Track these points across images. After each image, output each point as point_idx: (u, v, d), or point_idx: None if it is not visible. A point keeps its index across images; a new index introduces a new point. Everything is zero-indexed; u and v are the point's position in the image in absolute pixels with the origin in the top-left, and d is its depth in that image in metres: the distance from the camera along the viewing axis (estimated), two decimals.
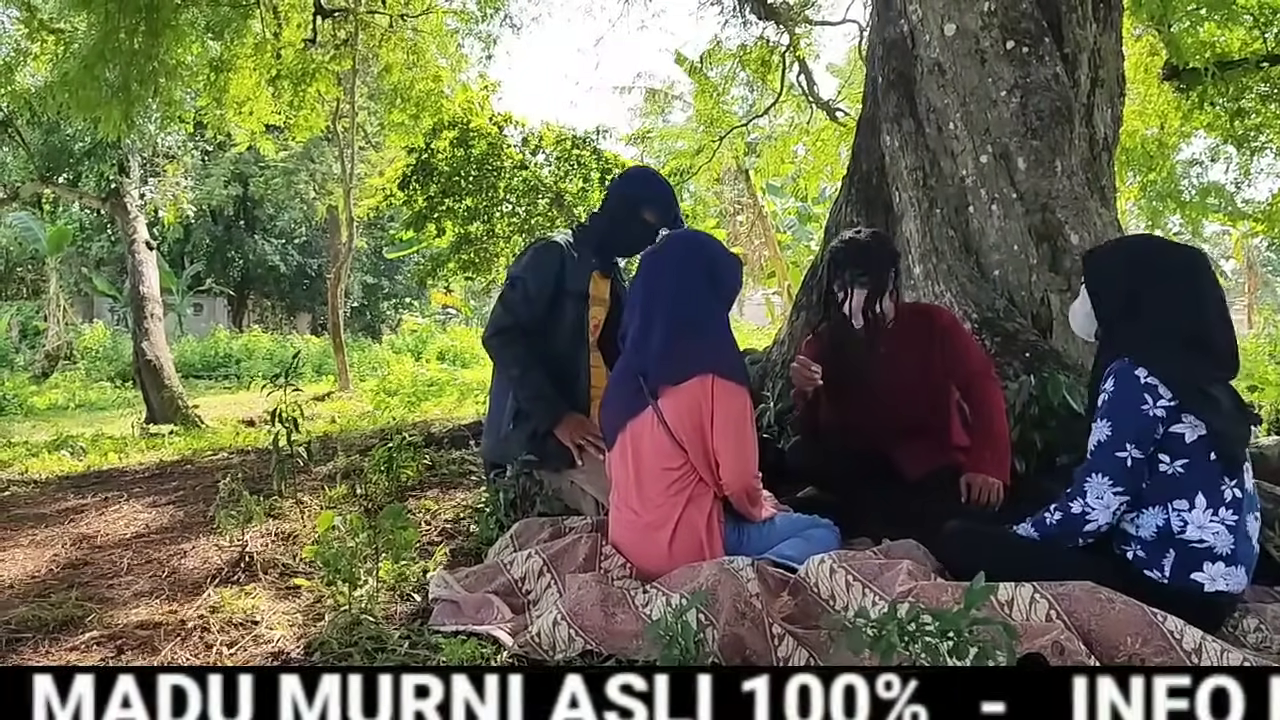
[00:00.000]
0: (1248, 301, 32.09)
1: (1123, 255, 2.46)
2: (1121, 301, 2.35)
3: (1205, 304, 2.27)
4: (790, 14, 11.81)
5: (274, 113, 12.49)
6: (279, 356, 21.09)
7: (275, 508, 3.84)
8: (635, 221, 3.61)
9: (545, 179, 14.12)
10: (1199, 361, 2.23)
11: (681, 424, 2.58)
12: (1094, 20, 4.51)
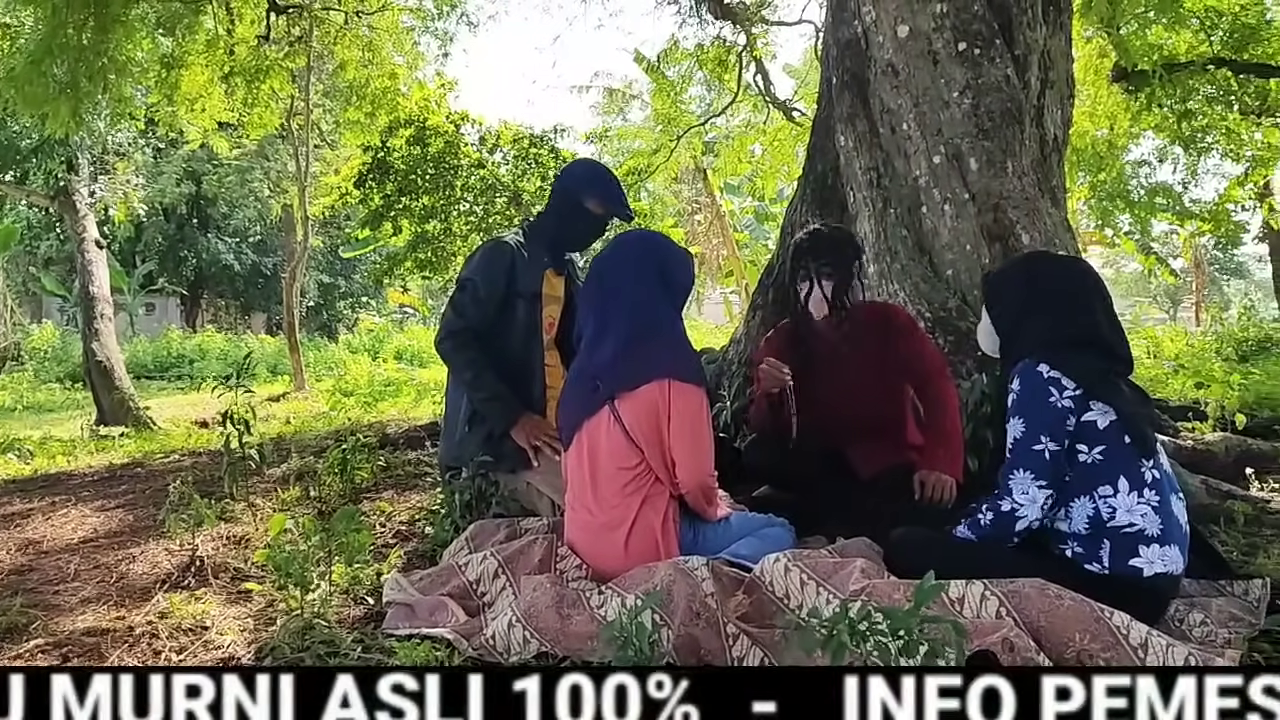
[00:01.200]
0: (1196, 300, 32.69)
1: (1014, 272, 2.62)
2: (1016, 314, 2.49)
3: (1093, 310, 2.40)
4: (747, 14, 11.85)
5: (227, 110, 12.32)
6: (233, 357, 20.82)
7: (227, 511, 3.79)
8: (580, 213, 3.59)
9: (503, 178, 14.05)
10: (1095, 358, 2.33)
11: (639, 426, 2.58)
12: (1044, 22, 4.57)
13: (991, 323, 2.60)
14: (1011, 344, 2.50)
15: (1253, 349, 12.73)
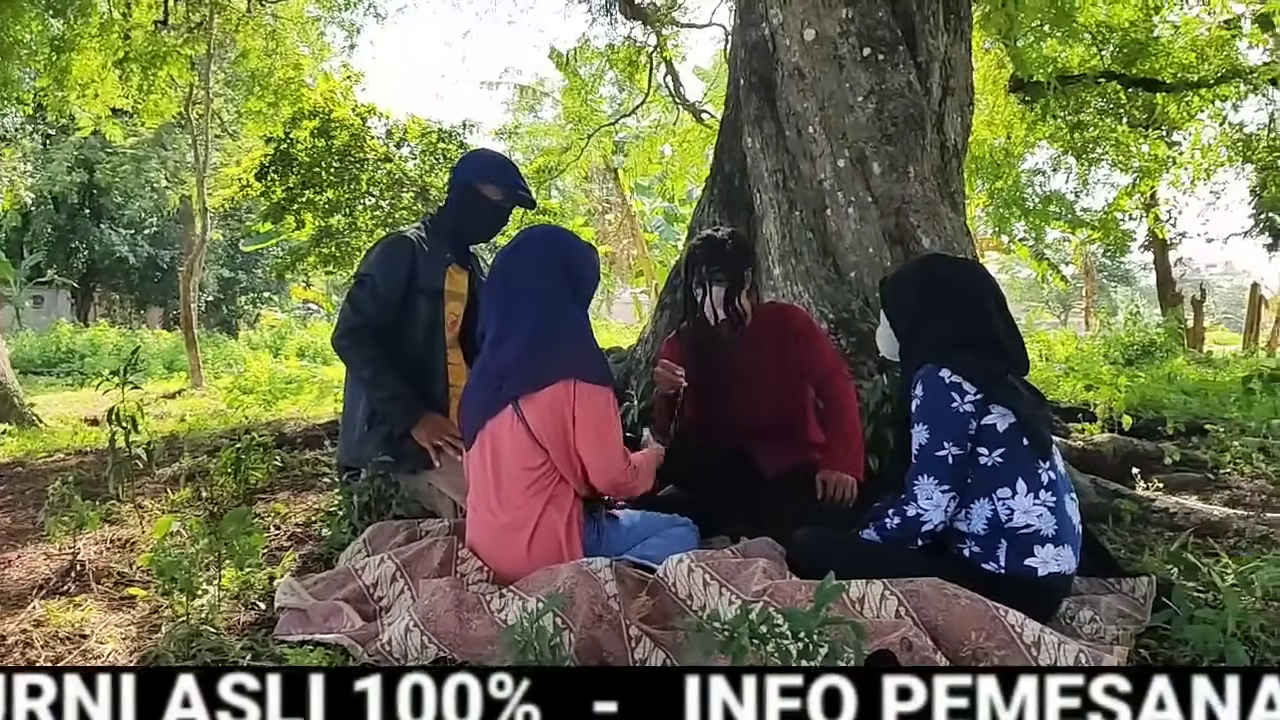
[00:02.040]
0: (1086, 305, 33.87)
1: (911, 275, 2.68)
2: (914, 317, 2.53)
3: (989, 312, 2.46)
4: (657, 15, 11.90)
5: (121, 96, 11.91)
6: (126, 351, 20.06)
7: (112, 513, 3.64)
8: (478, 202, 3.53)
9: (410, 173, 13.84)
10: (992, 360, 2.38)
11: (543, 427, 2.54)
12: (945, 31, 4.67)
13: (890, 326, 2.64)
14: (910, 346, 2.54)
15: (1138, 353, 13.25)
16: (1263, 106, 13.03)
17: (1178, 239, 20.21)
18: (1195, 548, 3.06)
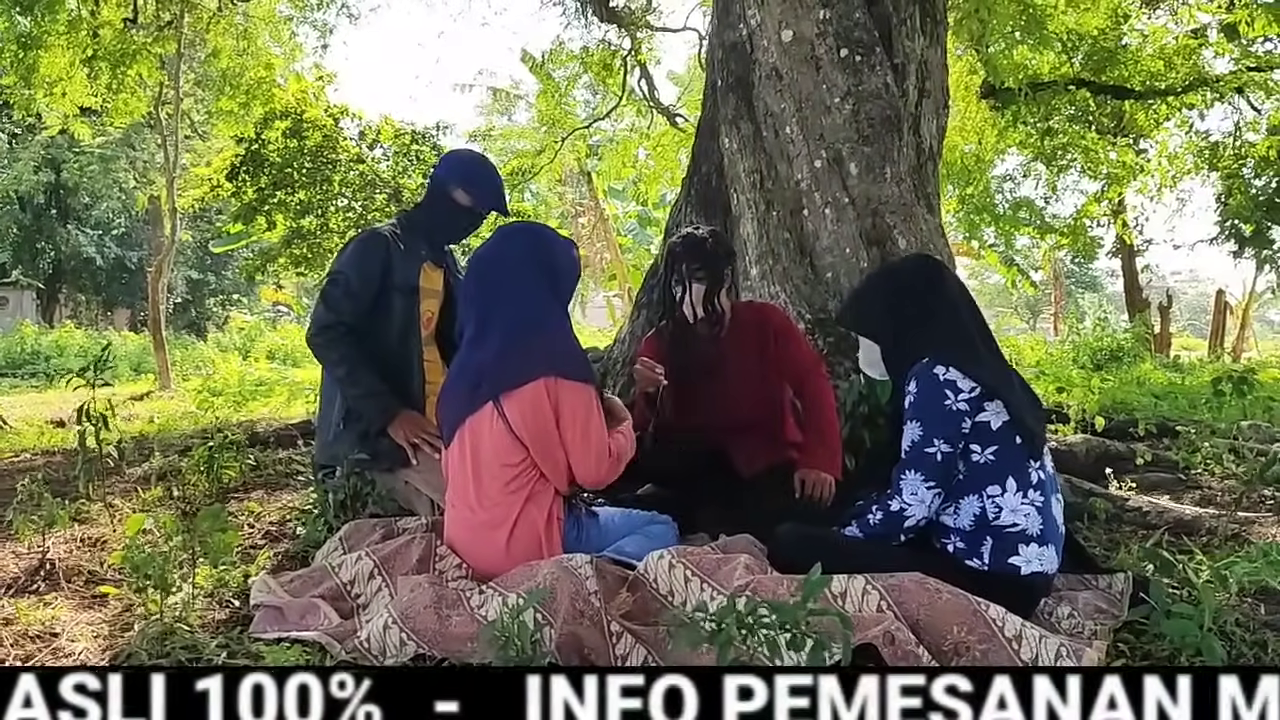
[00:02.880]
0: (1054, 311, 34.21)
1: (874, 291, 2.67)
2: (896, 324, 2.51)
3: (977, 311, 2.50)
4: (632, 18, 11.91)
5: (90, 95, 11.76)
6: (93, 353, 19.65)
7: (81, 512, 3.58)
8: (449, 205, 3.50)
9: (383, 174, 13.77)
10: (985, 353, 2.41)
11: (524, 424, 2.52)
12: (922, 34, 4.70)
13: (873, 342, 2.59)
14: (899, 353, 2.50)
15: (1106, 358, 13.40)
16: (1228, 115, 13.27)
17: (1145, 245, 20.53)
18: (1169, 545, 3.10)
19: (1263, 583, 2.53)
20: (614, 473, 2.68)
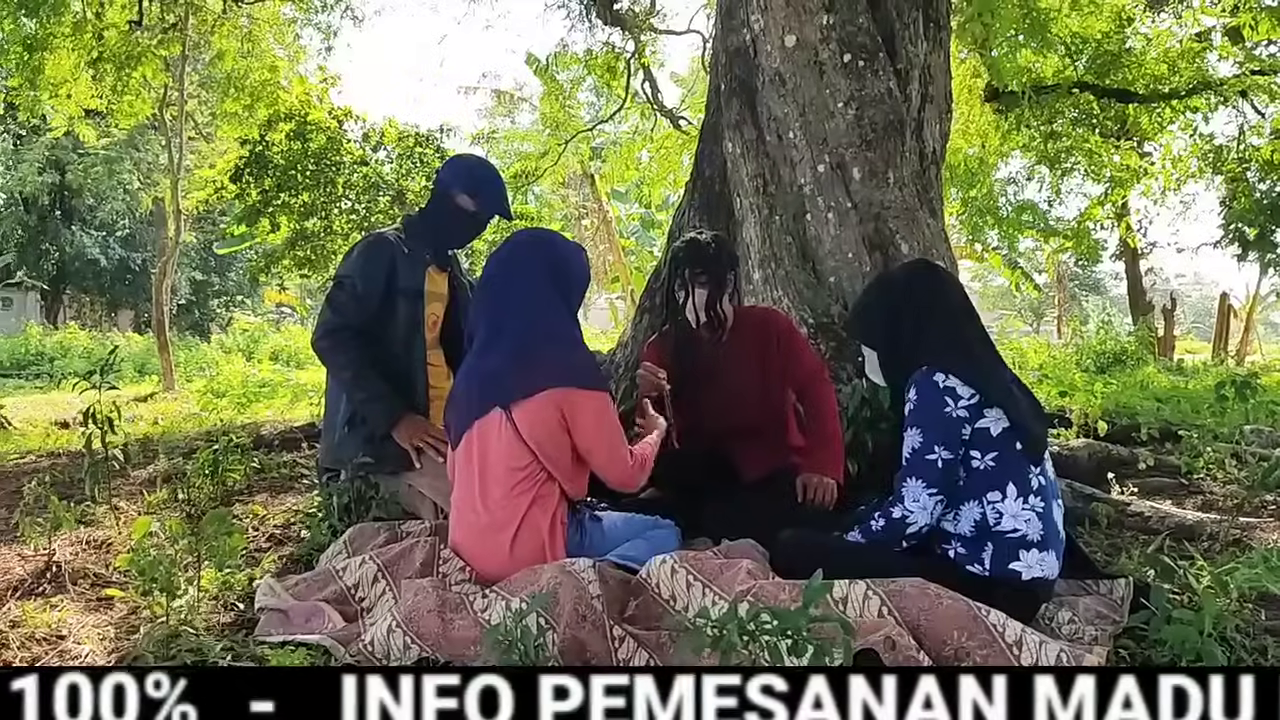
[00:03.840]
0: (1058, 314, 34.21)
1: (873, 298, 2.68)
2: (894, 331, 2.53)
3: (955, 304, 2.51)
4: (635, 21, 11.93)
5: (95, 97, 11.80)
6: (97, 355, 19.79)
7: (87, 514, 3.60)
8: (453, 210, 3.52)
9: (386, 176, 13.81)
10: (985, 360, 2.42)
11: (534, 433, 2.54)
12: (925, 39, 4.70)
13: (875, 351, 2.62)
14: (898, 360, 2.52)
15: (1109, 361, 13.39)
16: (1232, 119, 13.22)
17: (1148, 249, 20.50)
18: (1170, 551, 3.10)
19: (1263, 588, 2.53)
20: (640, 477, 2.72)
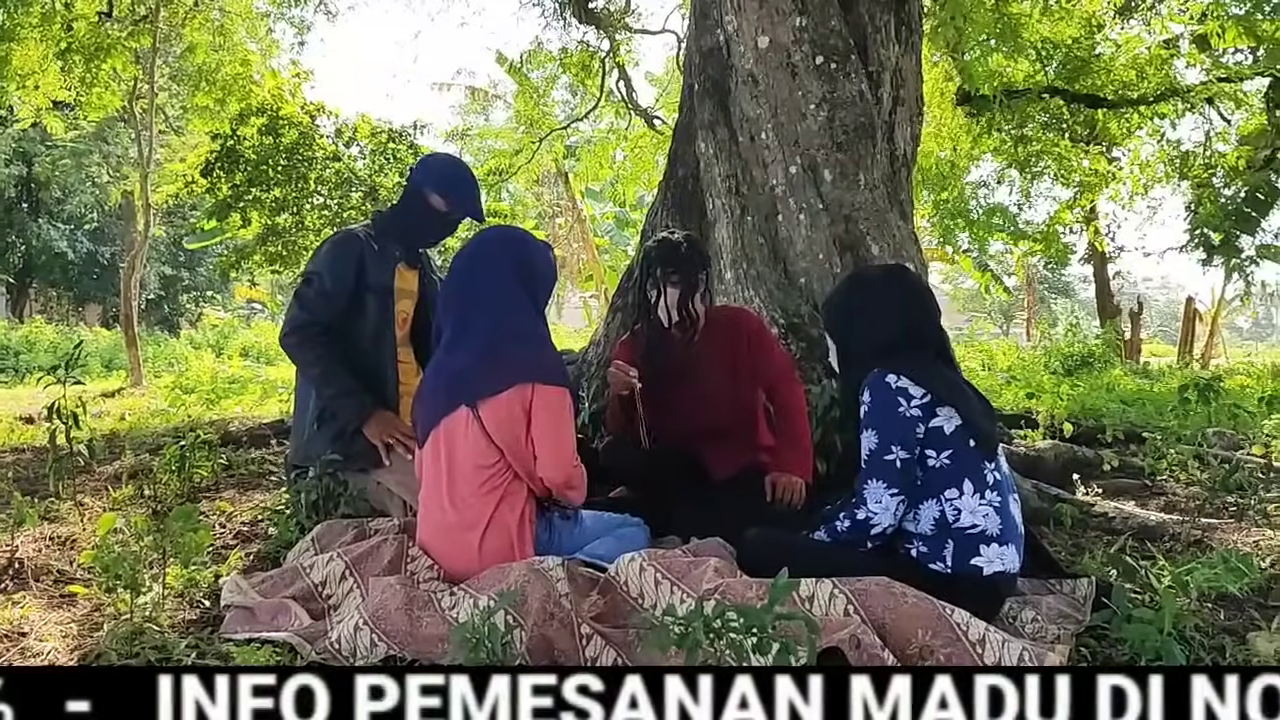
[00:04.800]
0: (1027, 316, 34.48)
1: (839, 291, 2.74)
2: (848, 329, 2.60)
3: (918, 312, 2.54)
4: (611, 20, 11.92)
5: (63, 88, 11.66)
6: (64, 349, 19.51)
7: (51, 510, 3.56)
8: (424, 208, 3.50)
9: (359, 172, 13.72)
10: (935, 360, 2.46)
11: (500, 430, 2.54)
12: (896, 42, 4.74)
13: (831, 341, 2.69)
14: (851, 356, 2.59)
15: (1077, 363, 13.54)
16: (1199, 125, 13.39)
17: (1116, 253, 20.67)
18: (1133, 551, 3.15)
19: (1222, 588, 2.57)
20: (577, 485, 2.71)
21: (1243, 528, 3.50)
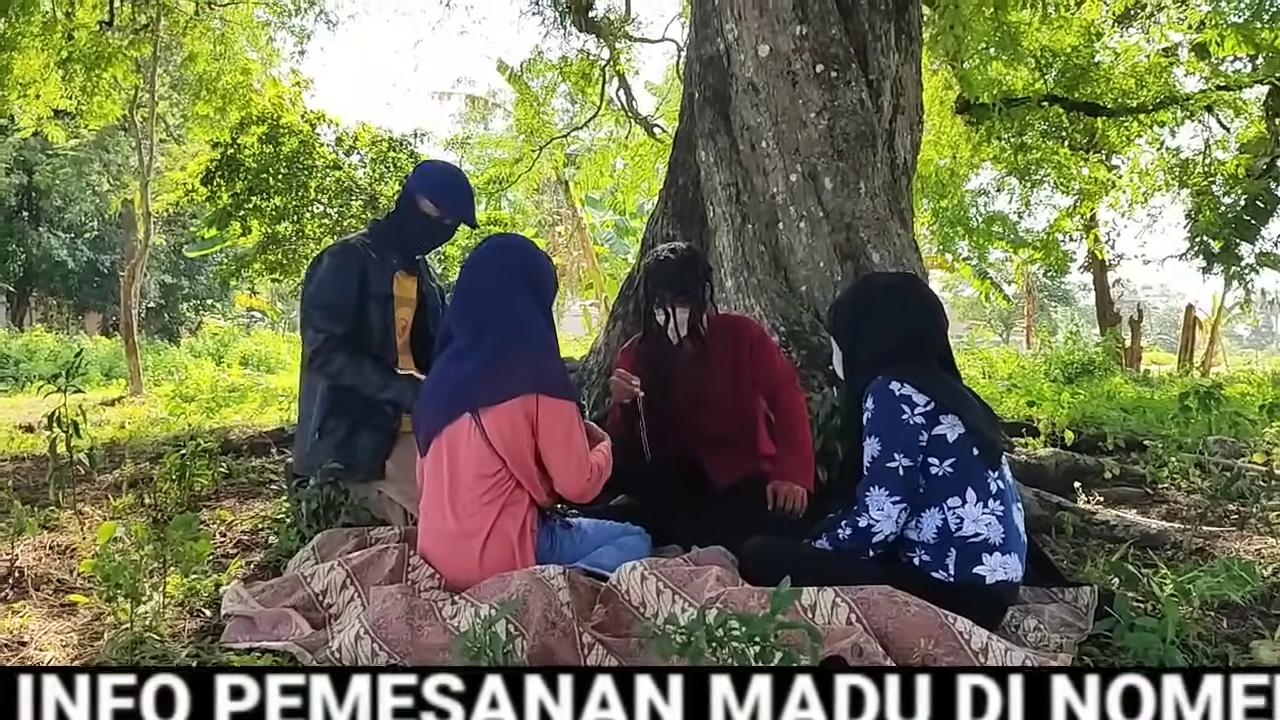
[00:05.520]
0: (1027, 324, 34.48)
1: (846, 297, 2.74)
2: (853, 334, 2.59)
3: (923, 321, 2.54)
4: (610, 29, 11.95)
5: (64, 97, 11.68)
6: (64, 358, 19.54)
7: (51, 519, 3.56)
8: (418, 215, 3.50)
9: (360, 180, 13.73)
10: (938, 368, 2.46)
11: (502, 439, 2.53)
12: (896, 50, 4.75)
13: (836, 347, 2.69)
14: (855, 362, 2.59)
15: (1077, 371, 13.53)
16: (1198, 133, 13.44)
17: (1116, 260, 20.66)
18: (1135, 559, 3.14)
19: (1225, 596, 2.57)
20: (596, 488, 2.70)
21: (1245, 536, 3.49)
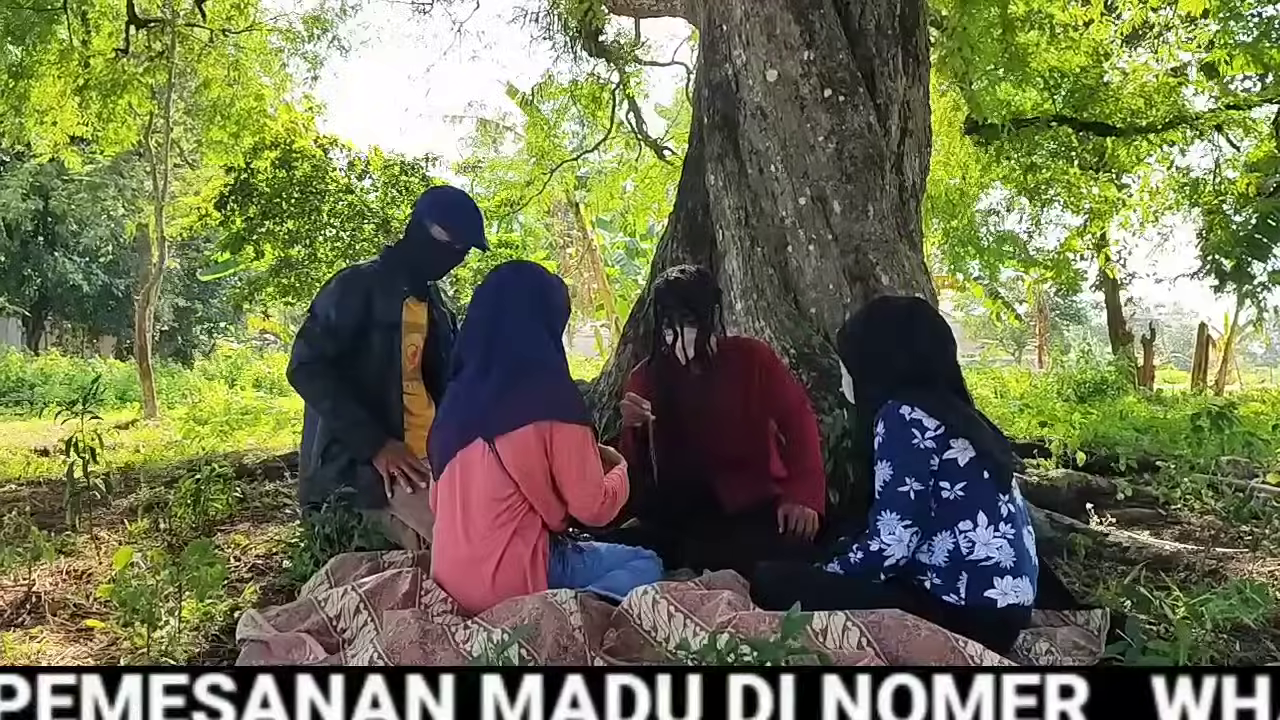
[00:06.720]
0: (1039, 343, 34.36)
1: (857, 321, 2.76)
2: (864, 359, 2.61)
3: (934, 345, 2.54)
4: (620, 53, 12.03)
5: (80, 124, 11.80)
6: (79, 381, 19.57)
7: (68, 544, 3.58)
8: (428, 240, 3.52)
9: (372, 204, 13.84)
10: (948, 392, 2.46)
11: (517, 464, 2.55)
12: (904, 74, 4.78)
13: (846, 371, 2.71)
14: (865, 387, 2.60)
15: (1090, 390, 13.47)
16: (1208, 152, 13.43)
17: (1128, 279, 20.64)
18: (1147, 581, 3.14)
19: (1238, 619, 2.56)
20: (611, 511, 2.71)
21: (1258, 558, 3.48)
